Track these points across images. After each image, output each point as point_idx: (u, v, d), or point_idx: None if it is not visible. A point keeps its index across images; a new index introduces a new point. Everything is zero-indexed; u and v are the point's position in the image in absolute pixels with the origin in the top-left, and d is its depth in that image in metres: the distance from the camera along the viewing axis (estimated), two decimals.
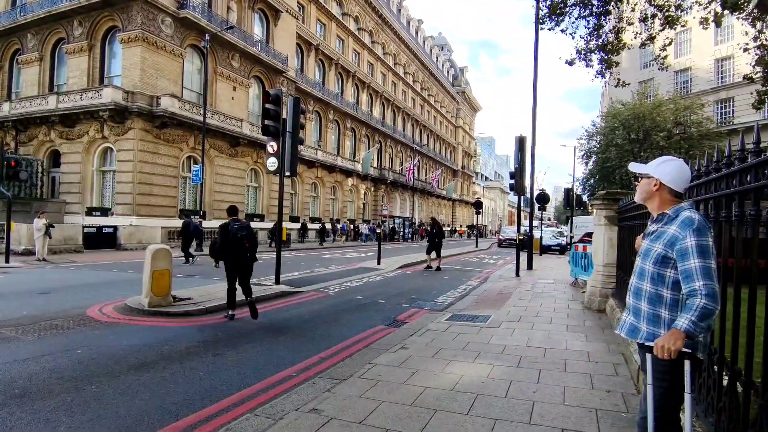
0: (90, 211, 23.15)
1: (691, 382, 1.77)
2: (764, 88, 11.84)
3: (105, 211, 22.78)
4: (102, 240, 19.45)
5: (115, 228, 20.38)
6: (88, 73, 24.00)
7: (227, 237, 6.72)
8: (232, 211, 7.31)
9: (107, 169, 23.63)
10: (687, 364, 1.76)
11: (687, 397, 1.76)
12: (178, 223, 23.19)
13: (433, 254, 15.36)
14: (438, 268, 15.15)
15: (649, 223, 2.11)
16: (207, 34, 22.09)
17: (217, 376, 4.40)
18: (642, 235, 2.18)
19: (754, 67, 11.34)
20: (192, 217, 19.35)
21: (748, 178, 1.95)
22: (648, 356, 1.83)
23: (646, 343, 1.88)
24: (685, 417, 1.76)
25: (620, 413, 3.32)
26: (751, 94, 12.90)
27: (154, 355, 5.00)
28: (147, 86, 22.26)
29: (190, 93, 25.41)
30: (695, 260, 1.77)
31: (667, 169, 1.99)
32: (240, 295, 6.86)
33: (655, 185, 2.01)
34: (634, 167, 2.14)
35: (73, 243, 17.53)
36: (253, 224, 27.58)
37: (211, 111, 24.23)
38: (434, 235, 15.48)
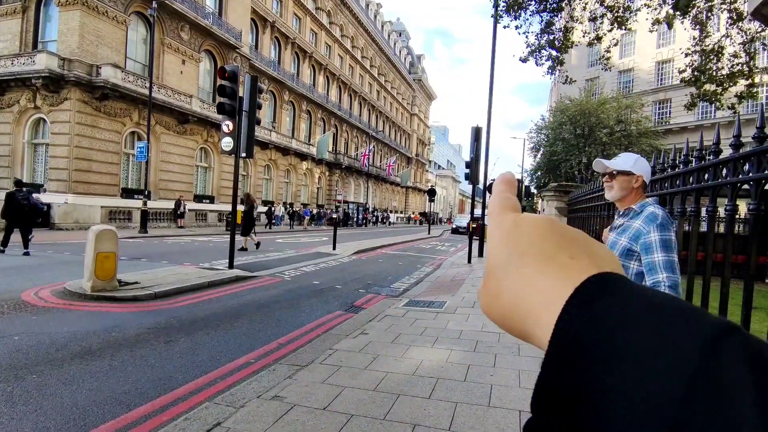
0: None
1: None
2: (698, 91, 12.72)
3: (37, 188, 21.03)
4: (34, 218, 18.04)
5: (49, 206, 18.93)
6: (21, 38, 21.91)
7: (12, 202, 10.17)
8: (18, 183, 10.96)
9: (40, 142, 21.82)
10: None
11: None
12: (120, 202, 22.02)
13: (246, 235, 14.34)
14: (244, 248, 14.17)
15: (616, 217, 2.22)
16: (154, 2, 20.73)
17: (171, 364, 4.25)
18: (609, 227, 2.30)
19: (693, 71, 12.13)
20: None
21: (706, 176, 2.09)
22: None
23: None
24: None
25: None
26: (686, 95, 13.82)
27: (100, 342, 4.74)
28: (86, 54, 20.64)
29: (135, 64, 23.85)
30: (659, 254, 1.88)
31: (644, 167, 2.11)
32: (193, 280, 6.64)
33: (636, 182, 2.12)
34: (608, 163, 2.22)
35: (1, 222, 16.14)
36: (202, 206, 26.77)
37: (157, 84, 22.88)
38: (249, 213, 14.46)
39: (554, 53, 11.77)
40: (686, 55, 11.76)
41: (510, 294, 0.28)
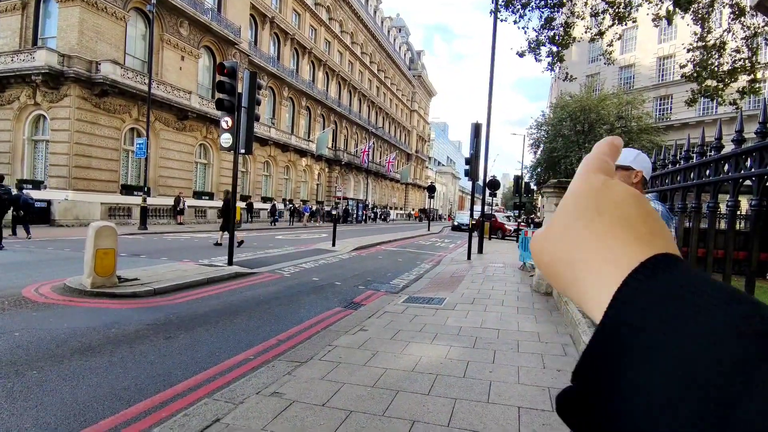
0: (20, 184, 21.34)
1: None
2: (699, 87, 12.67)
3: (37, 184, 21.08)
4: (34, 215, 18.03)
5: (49, 202, 18.95)
6: (21, 34, 21.87)
7: None
8: (0, 178, 11.51)
9: (40, 139, 21.80)
10: None
11: None
12: (119, 199, 22.00)
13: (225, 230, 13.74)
14: (219, 244, 14.29)
15: None
16: None
17: (170, 360, 4.25)
18: None
19: (695, 67, 12.08)
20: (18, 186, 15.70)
21: (707, 172, 2.08)
22: None
23: None
24: None
25: None
26: (687, 92, 13.77)
27: (100, 338, 4.74)
28: (85, 50, 20.58)
29: (134, 60, 23.79)
30: None
31: (644, 162, 2.09)
32: (193, 277, 6.62)
33: (636, 177, 2.09)
34: None
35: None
36: (201, 203, 26.77)
37: (156, 81, 22.81)
38: (225, 209, 13.85)
39: (555, 49, 11.71)
40: (688, 50, 11.71)
41: (571, 240, 0.29)
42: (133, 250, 11.82)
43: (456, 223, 38.57)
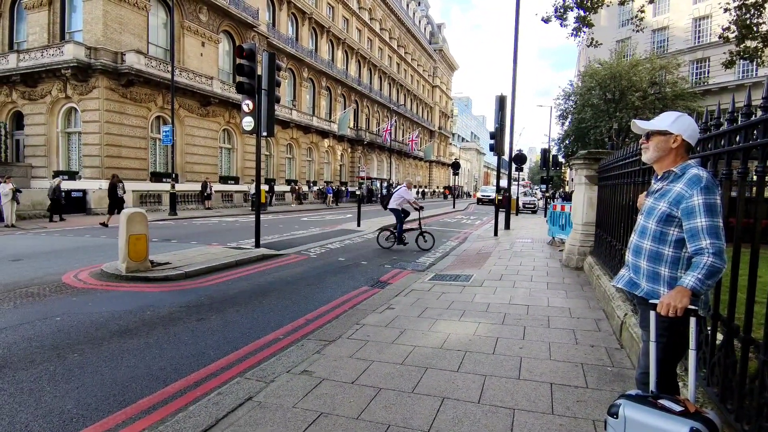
0: (57, 175, 22.15)
1: (696, 338, 1.78)
2: (738, 49, 11.91)
3: (73, 175, 21.85)
4: (71, 204, 18.73)
5: (84, 192, 19.66)
6: (49, 29, 22.38)
7: None
8: None
9: (72, 131, 22.48)
10: (692, 321, 1.76)
11: (691, 353, 1.77)
12: (149, 186, 22.59)
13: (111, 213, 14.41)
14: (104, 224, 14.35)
15: (653, 181, 2.08)
16: None
17: (203, 341, 4.35)
18: (645, 193, 2.16)
19: (728, 28, 11.35)
20: None
21: (755, 134, 1.93)
22: (652, 313, 1.84)
23: (650, 301, 1.88)
24: (690, 372, 1.79)
25: (605, 367, 3.43)
26: (725, 53, 12.96)
27: (136, 321, 4.90)
28: (110, 41, 20.92)
29: (157, 49, 24.04)
30: (702, 219, 1.75)
31: (684, 125, 1.94)
32: (222, 259, 6.70)
33: (675, 142, 1.95)
34: (643, 125, 2.06)
35: (41, 208, 16.84)
36: (227, 187, 27.20)
37: (179, 68, 23.05)
38: (111, 192, 14.45)
39: (582, 13, 11.18)
40: (726, 11, 11.00)
41: None
42: (164, 235, 12.14)
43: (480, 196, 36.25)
